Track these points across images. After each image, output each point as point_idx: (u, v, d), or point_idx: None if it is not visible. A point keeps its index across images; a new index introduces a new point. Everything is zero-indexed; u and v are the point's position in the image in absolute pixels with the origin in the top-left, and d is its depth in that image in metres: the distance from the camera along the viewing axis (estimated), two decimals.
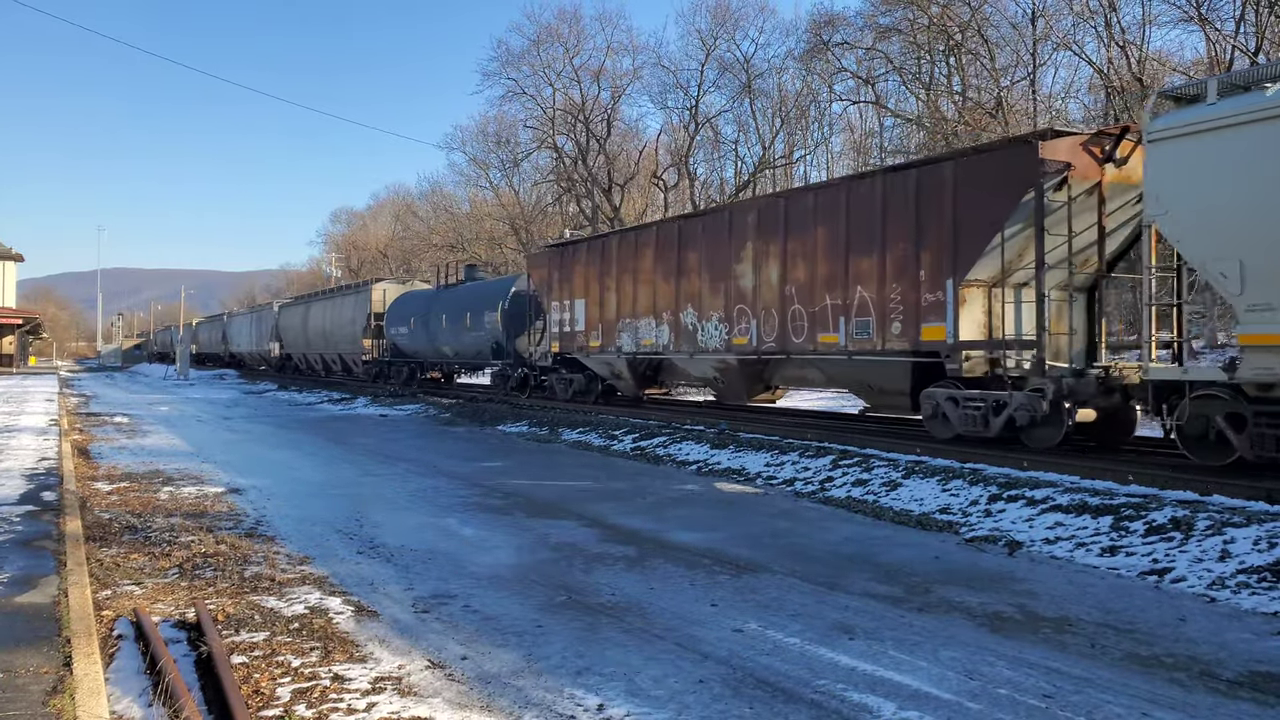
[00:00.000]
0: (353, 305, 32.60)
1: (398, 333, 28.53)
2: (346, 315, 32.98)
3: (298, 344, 39.94)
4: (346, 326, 32.94)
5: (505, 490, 10.17)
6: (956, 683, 4.33)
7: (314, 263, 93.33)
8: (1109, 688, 4.27)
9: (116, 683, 4.25)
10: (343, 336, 33.52)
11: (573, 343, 19.20)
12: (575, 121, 44.52)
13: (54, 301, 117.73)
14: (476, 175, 54.16)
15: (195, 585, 5.96)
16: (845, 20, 36.15)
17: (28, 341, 57.38)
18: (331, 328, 34.70)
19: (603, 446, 14.32)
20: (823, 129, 43.64)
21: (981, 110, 29.94)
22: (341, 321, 33.53)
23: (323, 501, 9.42)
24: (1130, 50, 27.57)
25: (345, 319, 33.14)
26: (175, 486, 10.23)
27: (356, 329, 31.97)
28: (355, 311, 32.13)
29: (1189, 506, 7.45)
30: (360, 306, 31.82)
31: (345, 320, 33.10)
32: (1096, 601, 5.75)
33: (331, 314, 34.80)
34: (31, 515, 7.52)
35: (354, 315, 32.19)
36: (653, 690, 4.23)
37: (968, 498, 8.75)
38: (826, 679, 4.38)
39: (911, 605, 5.66)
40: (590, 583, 6.16)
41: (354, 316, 32.17)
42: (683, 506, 9.22)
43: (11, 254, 47.42)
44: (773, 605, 5.63)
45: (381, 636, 5.00)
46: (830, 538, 7.73)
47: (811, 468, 10.85)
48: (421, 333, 26.87)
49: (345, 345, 33.38)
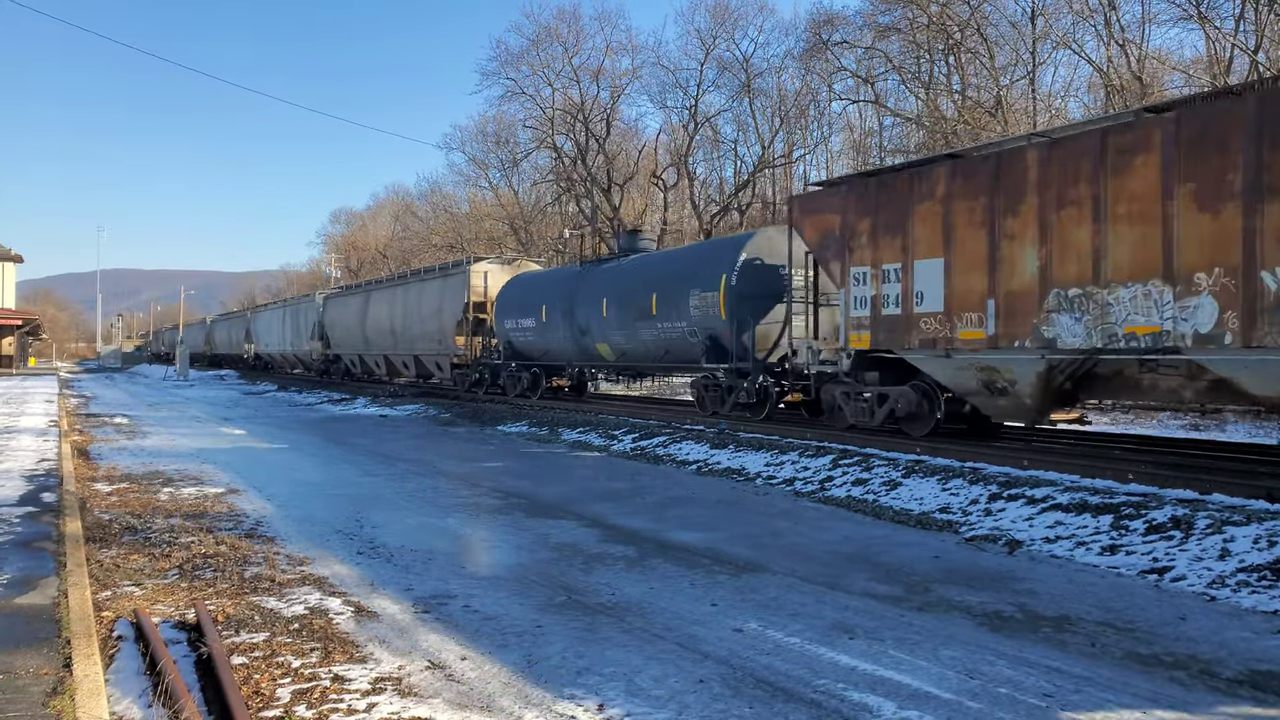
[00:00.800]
0: (439, 293, 25.82)
1: (516, 327, 21.94)
2: (429, 305, 26.30)
3: (350, 343, 33.18)
4: (429, 320, 26.22)
5: (505, 490, 10.17)
6: (956, 682, 4.33)
7: (314, 263, 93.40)
8: (1109, 686, 4.27)
9: (116, 684, 4.25)
10: (423, 333, 26.77)
11: (905, 334, 11.59)
12: (574, 121, 44.53)
13: (53, 303, 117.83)
14: (476, 175, 54.24)
15: (195, 586, 5.95)
16: (844, 19, 36.24)
17: (27, 343, 57.37)
18: (405, 322, 27.92)
19: (603, 446, 14.32)
20: (822, 128, 43.68)
21: (981, 109, 29.94)
22: (422, 314, 26.77)
23: (322, 502, 9.42)
24: (1130, 49, 27.58)
25: (427, 310, 26.39)
26: (175, 487, 10.23)
27: (445, 323, 25.21)
28: (444, 300, 25.40)
29: (1189, 505, 7.45)
30: (451, 294, 25.11)
31: (428, 312, 26.33)
32: (1096, 600, 5.75)
33: (406, 305, 27.95)
34: (31, 516, 7.52)
35: (441, 305, 25.49)
36: (653, 690, 4.23)
37: (967, 497, 8.75)
38: (826, 678, 4.38)
39: (911, 604, 5.66)
40: (590, 583, 6.16)
41: (441, 307, 25.46)
42: (682, 506, 9.22)
43: (11, 255, 47.42)
44: (772, 605, 5.63)
45: (381, 637, 5.00)
46: (830, 537, 7.73)
47: (811, 467, 10.85)
48: (559, 326, 20.19)
49: (426, 344, 26.63)
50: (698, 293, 15.63)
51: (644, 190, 46.86)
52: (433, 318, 26.06)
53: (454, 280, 25.32)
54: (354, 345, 33.02)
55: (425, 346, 26.89)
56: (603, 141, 44.35)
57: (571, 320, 19.65)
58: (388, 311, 29.39)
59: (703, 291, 15.50)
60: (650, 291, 16.95)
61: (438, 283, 26.29)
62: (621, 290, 17.98)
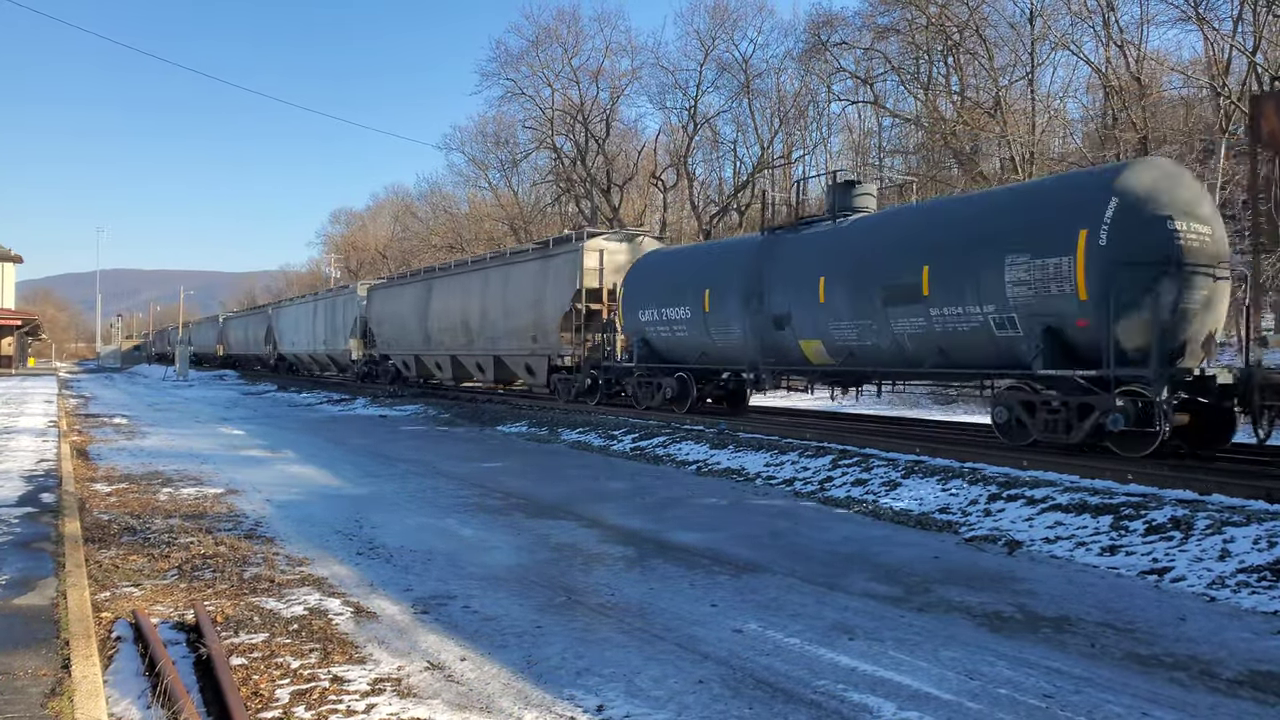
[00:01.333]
0: (538, 278, 20.84)
1: (657, 320, 16.84)
2: (522, 294, 21.32)
3: (404, 341, 28.31)
4: (522, 313, 21.26)
5: (505, 491, 10.16)
6: (956, 683, 4.32)
7: (313, 263, 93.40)
8: (1109, 687, 4.27)
9: (115, 685, 4.24)
10: (511, 329, 21.80)
11: None
12: (574, 122, 44.55)
13: (53, 303, 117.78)
14: (475, 176, 54.23)
15: (194, 587, 5.95)
16: (843, 20, 36.24)
17: (27, 343, 57.35)
18: (486, 316, 22.81)
19: (602, 447, 14.31)
20: (821, 129, 43.71)
21: (980, 110, 29.95)
22: (510, 305, 21.78)
23: (322, 502, 9.41)
24: (1128, 50, 27.59)
25: (519, 300, 21.40)
26: (174, 488, 10.22)
27: (545, 316, 20.21)
28: (545, 287, 20.44)
29: (1188, 506, 7.45)
30: (556, 279, 20.07)
31: (521, 302, 21.29)
32: (1096, 601, 5.74)
33: (488, 295, 22.91)
34: (30, 517, 7.51)
35: (541, 294, 20.55)
36: (652, 691, 4.23)
37: (967, 497, 8.74)
38: (826, 679, 4.37)
39: (911, 605, 5.66)
40: (590, 583, 6.15)
41: (541, 296, 20.58)
42: (682, 507, 9.22)
43: (10, 255, 47.41)
44: (772, 605, 5.63)
45: (381, 638, 4.99)
46: (830, 537, 7.72)
47: (811, 467, 10.84)
48: (734, 318, 15.07)
49: (515, 342, 21.74)
50: (1022, 261, 10.40)
51: (643, 191, 46.87)
52: (527, 310, 20.99)
53: (559, 262, 19.91)
54: (409, 344, 27.97)
55: (513, 345, 21.78)
56: (602, 142, 44.37)
57: (756, 308, 14.36)
58: (460, 303, 24.25)
59: (1034, 259, 10.30)
60: (917, 262, 11.75)
61: (535, 265, 20.94)
62: (854, 263, 12.76)
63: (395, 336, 29.25)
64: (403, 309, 28.48)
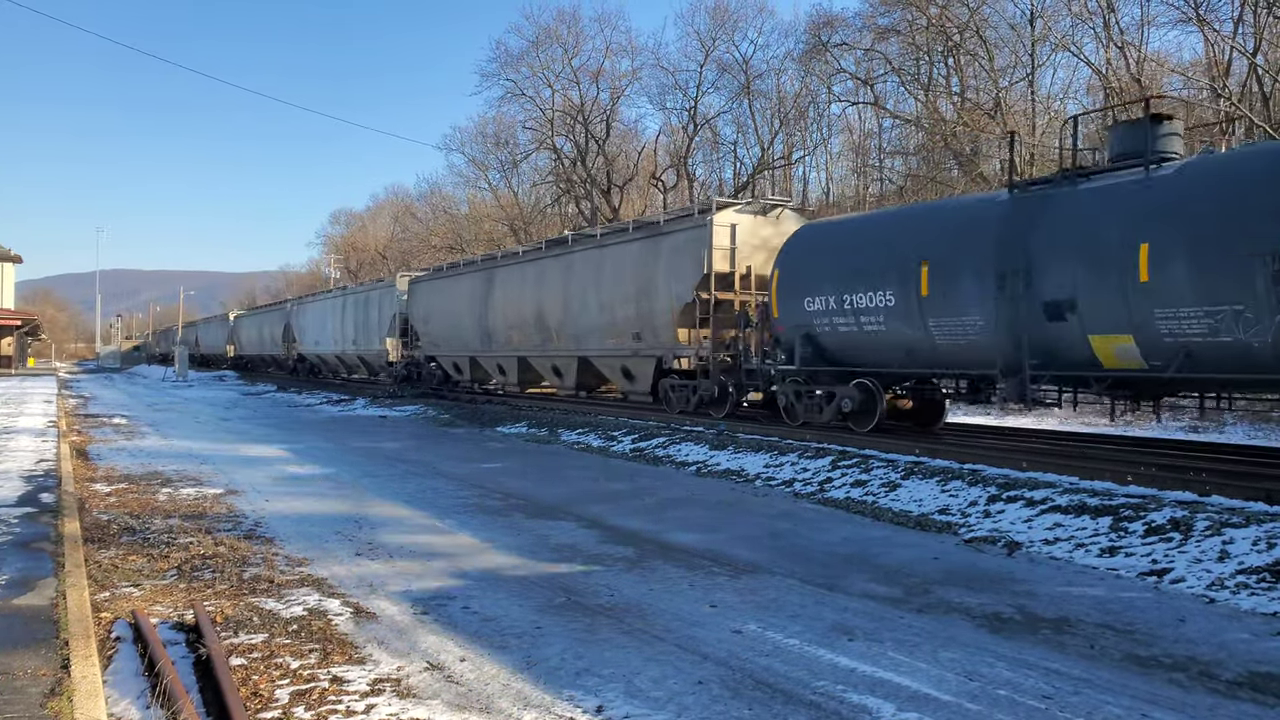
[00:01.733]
0: (646, 262, 16.96)
1: (827, 309, 12.93)
2: (623, 284, 17.58)
3: (456, 340, 24.83)
4: (623, 305, 17.59)
5: (504, 491, 10.16)
6: (956, 684, 4.32)
7: (313, 264, 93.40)
8: (1108, 688, 4.27)
9: (114, 685, 4.24)
10: (606, 325, 18.21)
11: None
12: (574, 122, 44.56)
13: (53, 303, 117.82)
14: (475, 176, 54.20)
15: (194, 587, 5.95)
16: (844, 21, 36.22)
17: (26, 343, 57.36)
18: (570, 310, 19.36)
19: (602, 448, 14.32)
20: (821, 130, 43.69)
21: (980, 111, 29.97)
22: (605, 298, 18.15)
23: (321, 503, 9.41)
24: (1129, 51, 27.60)
25: (618, 291, 17.73)
26: (174, 488, 10.22)
27: (657, 308, 16.43)
28: (658, 273, 16.49)
29: (1188, 507, 7.45)
30: (674, 262, 16.16)
31: (620, 293, 17.64)
32: (1095, 602, 5.75)
33: (572, 285, 19.34)
34: (30, 517, 7.51)
35: (651, 281, 16.64)
36: (652, 691, 4.23)
37: (967, 498, 8.75)
38: (826, 680, 4.37)
39: (910, 606, 5.66)
40: (589, 584, 6.15)
41: (650, 284, 16.65)
42: (682, 508, 9.22)
43: (10, 255, 47.42)
44: (772, 606, 5.63)
45: (380, 638, 4.99)
46: (829, 538, 7.72)
47: (810, 469, 10.85)
48: (964, 304, 11.12)
49: (610, 340, 18.18)
50: None
51: (643, 191, 46.89)
52: (627, 301, 17.34)
53: (677, 241, 16.12)
54: (461, 344, 24.64)
55: (606, 344, 18.23)
56: (602, 143, 44.38)
57: (1016, 292, 10.44)
58: (533, 295, 20.90)
59: None
60: None
61: (640, 247, 17.20)
62: (1210, 224, 8.96)
63: (444, 335, 25.74)
64: (455, 303, 24.99)
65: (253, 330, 50.53)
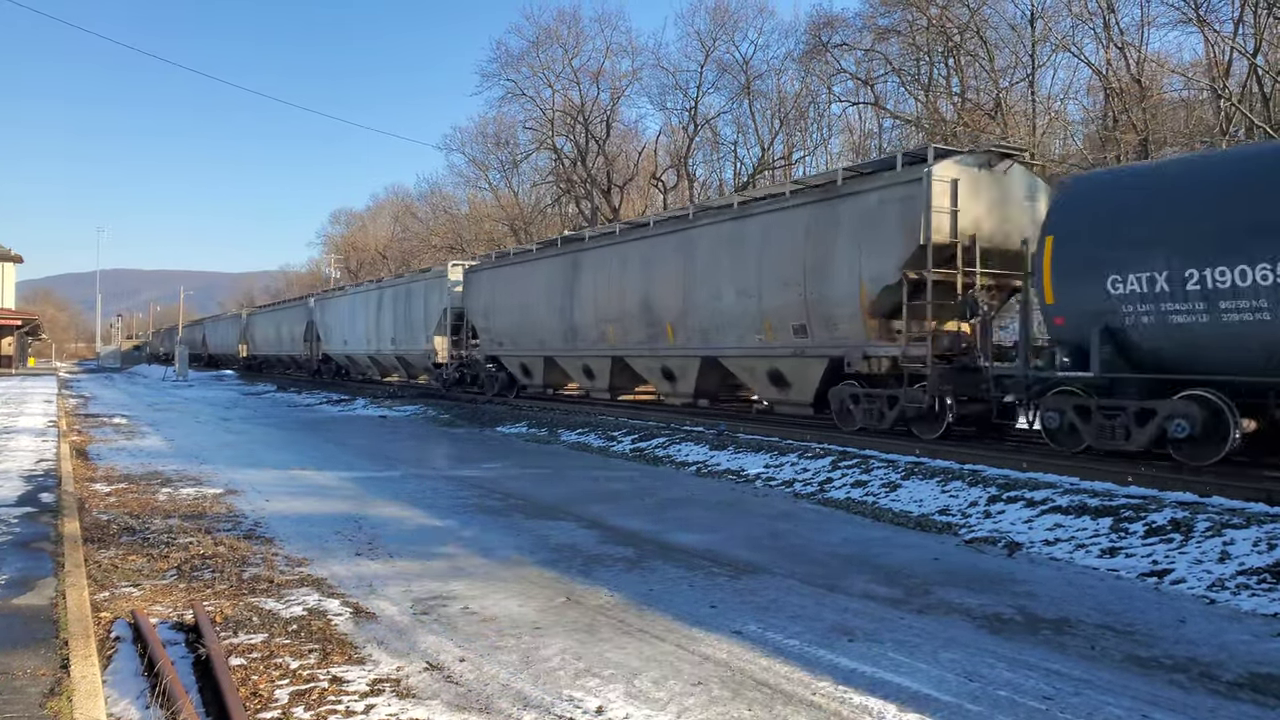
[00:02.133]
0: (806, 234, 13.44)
1: (1152, 291, 9.09)
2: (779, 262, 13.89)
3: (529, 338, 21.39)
4: (782, 290, 13.85)
5: (504, 491, 10.16)
6: (956, 684, 4.32)
7: (313, 264, 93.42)
8: (1109, 689, 4.27)
9: (114, 685, 4.24)
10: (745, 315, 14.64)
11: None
12: (574, 123, 44.56)
13: (53, 303, 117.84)
14: (476, 176, 54.21)
15: (193, 587, 5.94)
16: (844, 22, 36.23)
17: (27, 343, 57.36)
18: (694, 296, 15.61)
19: (602, 448, 14.31)
20: (822, 130, 43.70)
21: (980, 111, 29.97)
22: (752, 278, 14.41)
23: (321, 503, 9.40)
24: (1129, 52, 27.60)
25: (772, 273, 14.03)
26: (174, 488, 10.21)
27: (832, 290, 12.91)
28: (823, 247, 13.05)
29: (1189, 508, 7.45)
30: (845, 232, 12.75)
31: (779, 275, 13.87)
32: (1096, 603, 5.74)
33: (694, 267, 15.61)
34: (29, 517, 7.51)
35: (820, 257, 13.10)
36: (653, 692, 4.22)
37: (967, 499, 8.74)
38: (827, 681, 4.37)
39: (911, 607, 5.65)
40: (589, 584, 6.15)
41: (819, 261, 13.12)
42: (682, 508, 9.21)
43: (11, 255, 47.41)
44: (772, 607, 5.62)
45: (380, 638, 4.99)
46: (829, 539, 7.72)
47: (810, 469, 10.84)
48: None
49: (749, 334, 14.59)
50: None
51: (644, 191, 46.89)
52: (789, 286, 13.57)
53: (872, 202, 12.39)
54: (536, 341, 21.15)
55: (748, 341, 14.61)
56: (602, 143, 44.39)
57: None
58: (637, 281, 17.15)
59: None
60: None
61: (811, 213, 13.44)
62: None
63: (511, 332, 22.12)
64: (526, 295, 21.29)
65: (269, 328, 46.07)
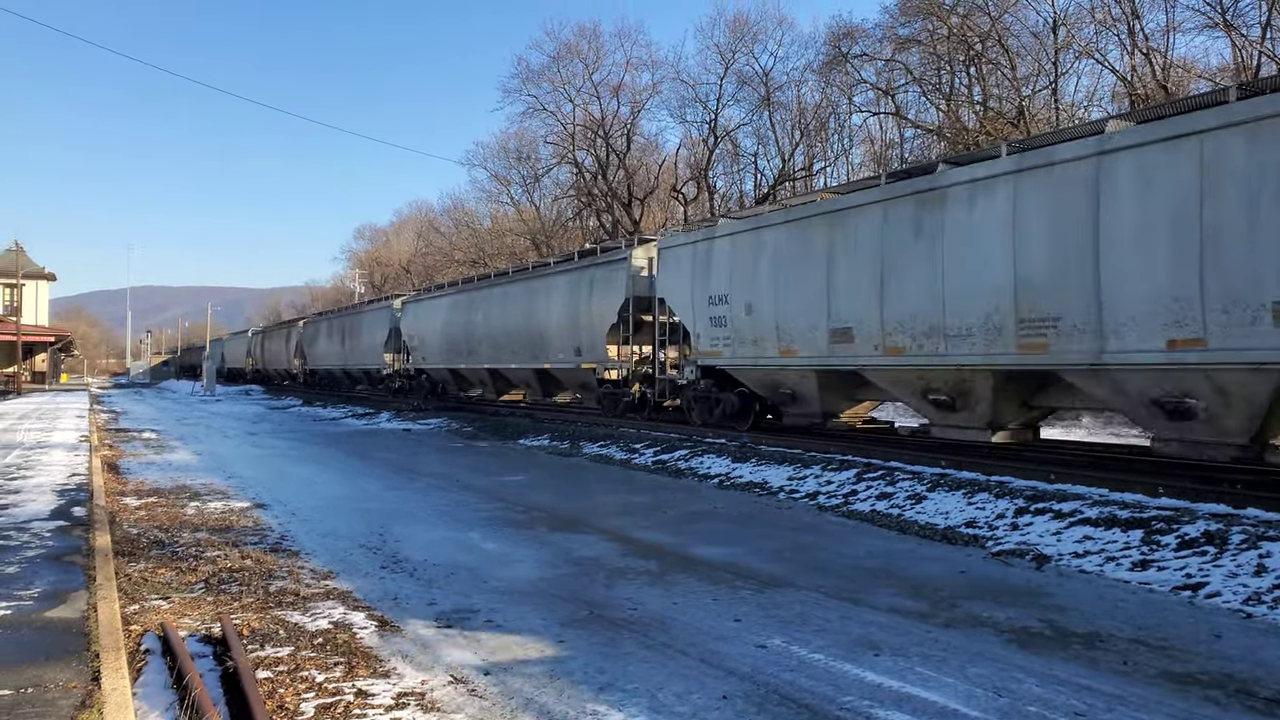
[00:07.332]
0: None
1: None
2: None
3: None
4: None
5: (527, 504, 10.17)
6: (985, 700, 4.26)
7: (338, 279, 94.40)
8: (1143, 706, 4.18)
9: (144, 697, 4.28)
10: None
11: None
12: (595, 136, 44.77)
13: (85, 319, 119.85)
14: (498, 191, 54.60)
15: (221, 600, 6.00)
16: (864, 32, 36.16)
17: (60, 359, 58.38)
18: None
19: (624, 460, 14.30)
20: (842, 141, 43.57)
21: (1003, 120, 29.75)
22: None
23: (346, 516, 9.47)
24: (1154, 57, 27.30)
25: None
26: (202, 501, 10.33)
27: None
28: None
29: (1222, 520, 7.30)
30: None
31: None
32: (1128, 617, 5.64)
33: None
34: (62, 530, 7.63)
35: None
36: (676, 706, 4.20)
37: (994, 511, 8.63)
38: (852, 695, 4.32)
39: (938, 620, 5.58)
40: (612, 597, 6.13)
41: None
42: (704, 521, 9.17)
43: (44, 274, 48.31)
44: (797, 620, 5.58)
45: (404, 651, 5.00)
46: (855, 552, 7.65)
47: (835, 481, 10.76)
48: None
49: None
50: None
51: (664, 204, 46.98)
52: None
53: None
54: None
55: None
56: (623, 156, 44.55)
57: None
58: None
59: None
60: None
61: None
62: None
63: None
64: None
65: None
